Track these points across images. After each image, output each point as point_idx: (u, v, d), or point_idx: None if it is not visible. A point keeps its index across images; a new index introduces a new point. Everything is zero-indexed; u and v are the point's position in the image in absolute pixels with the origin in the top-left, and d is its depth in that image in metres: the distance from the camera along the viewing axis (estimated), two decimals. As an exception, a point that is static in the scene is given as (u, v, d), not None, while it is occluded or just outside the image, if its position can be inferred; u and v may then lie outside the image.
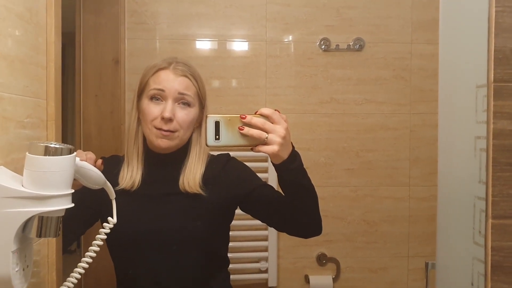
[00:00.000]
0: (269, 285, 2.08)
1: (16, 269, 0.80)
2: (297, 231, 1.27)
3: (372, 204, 2.14)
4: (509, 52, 0.70)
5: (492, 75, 0.70)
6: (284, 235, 2.07)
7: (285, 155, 1.04)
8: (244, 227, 2.04)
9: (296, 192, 1.13)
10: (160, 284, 1.26)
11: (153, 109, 1.24)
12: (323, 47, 2.12)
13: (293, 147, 1.08)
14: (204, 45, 2.09)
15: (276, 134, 1.00)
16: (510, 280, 0.76)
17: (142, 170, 1.29)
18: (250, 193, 1.28)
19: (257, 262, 2.07)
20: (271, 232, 2.05)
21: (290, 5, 2.09)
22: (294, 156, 1.08)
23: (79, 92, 1.97)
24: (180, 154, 1.29)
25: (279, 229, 1.33)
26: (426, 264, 1.12)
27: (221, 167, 1.32)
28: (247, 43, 2.10)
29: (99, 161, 1.11)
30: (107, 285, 1.93)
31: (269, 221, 1.31)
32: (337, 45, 2.12)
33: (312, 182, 1.17)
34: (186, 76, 1.27)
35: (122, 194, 1.21)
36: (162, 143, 1.24)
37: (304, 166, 1.13)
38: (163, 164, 1.29)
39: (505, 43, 0.72)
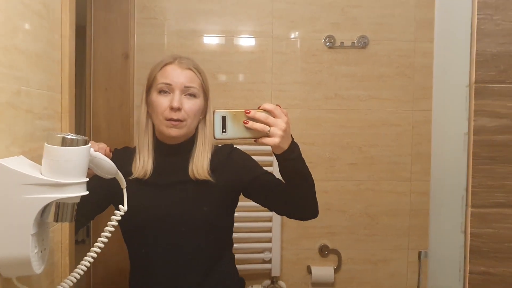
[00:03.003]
0: (272, 274, 2.13)
1: (35, 251, 0.86)
2: (295, 214, 1.37)
3: (374, 198, 2.19)
4: (489, 55, 0.78)
5: (474, 76, 0.77)
6: (287, 227, 2.15)
7: (285, 146, 1.14)
8: (249, 219, 2.09)
9: (295, 179, 1.23)
10: (170, 263, 1.36)
11: (162, 101, 1.33)
12: (328, 44, 2.16)
13: (292, 138, 1.17)
14: (211, 40, 2.14)
15: (277, 127, 1.10)
16: (488, 263, 0.84)
17: (153, 160, 1.37)
18: (253, 179, 1.38)
19: (261, 252, 2.13)
20: (275, 224, 2.11)
21: (296, 3, 2.13)
22: (294, 147, 1.17)
23: (89, 86, 2.03)
24: (188, 144, 1.38)
25: (279, 212, 1.42)
26: (419, 253, 1.18)
27: (226, 156, 1.42)
28: (253, 39, 2.15)
29: (107, 149, 1.21)
30: (115, 275, 1.99)
31: (270, 206, 1.41)
32: (342, 43, 2.16)
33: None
34: (190, 69, 1.36)
35: (135, 183, 1.33)
36: (172, 132, 1.32)
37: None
38: (172, 154, 1.38)
39: (486, 48, 0.80)
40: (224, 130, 1.12)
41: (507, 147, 0.79)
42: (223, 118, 1.12)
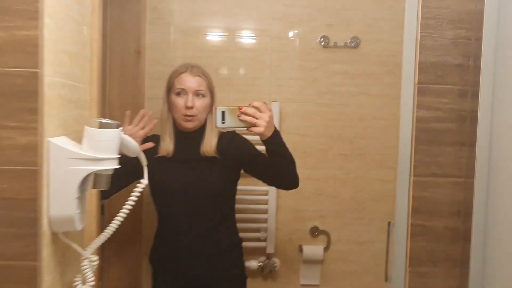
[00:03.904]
0: (267, 252, 2.32)
1: (77, 212, 1.08)
2: (279, 184, 1.87)
3: (362, 185, 2.37)
4: (429, 63, 1.07)
5: (417, 79, 1.03)
6: (282, 210, 2.35)
7: (269, 134, 1.57)
8: (248, 201, 2.29)
9: (277, 158, 1.67)
10: (188, 219, 1.79)
11: (179, 102, 1.77)
12: (322, 43, 2.34)
13: (275, 128, 1.59)
14: (215, 39, 2.31)
15: (262, 120, 1.53)
16: (424, 218, 1.15)
17: (173, 143, 1.81)
18: (251, 158, 1.81)
19: (258, 232, 2.31)
20: (271, 207, 2.30)
21: (294, 5, 2.30)
22: (276, 135, 1.60)
23: (105, 79, 2.21)
24: (199, 131, 1.81)
25: (268, 183, 1.90)
26: (389, 223, 1.39)
27: (230, 139, 1.84)
28: (254, 38, 2.33)
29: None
30: (128, 247, 2.20)
31: (262, 178, 1.84)
32: (336, 43, 2.34)
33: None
34: (199, 76, 1.80)
35: (161, 160, 1.78)
36: (187, 124, 1.78)
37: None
38: (188, 138, 1.81)
39: (426, 58, 1.09)
40: (223, 121, 1.52)
41: (440, 133, 1.11)
42: (223, 112, 1.52)
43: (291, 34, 2.33)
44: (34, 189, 0.96)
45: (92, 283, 1.17)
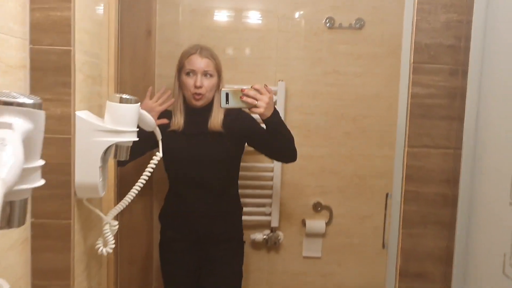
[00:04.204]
0: (272, 225, 2.42)
1: (100, 179, 1.17)
2: (278, 157, 2.09)
3: (363, 162, 2.43)
4: (424, 45, 1.17)
5: (412, 59, 1.13)
6: (286, 186, 2.44)
7: (268, 113, 1.72)
8: (254, 177, 2.38)
9: (276, 135, 1.83)
10: (196, 186, 1.97)
11: (189, 81, 1.92)
12: (328, 25, 2.39)
13: (275, 108, 1.75)
14: (222, 19, 2.36)
15: (262, 101, 1.68)
16: (417, 185, 1.28)
17: (184, 118, 1.96)
18: (254, 133, 1.97)
19: (263, 207, 2.40)
20: (275, 183, 2.39)
21: (300, -13, 2.37)
22: (275, 114, 1.76)
23: (117, 58, 2.30)
24: (207, 107, 1.96)
25: (269, 156, 2.10)
26: (387, 194, 1.49)
27: (236, 115, 1.98)
28: (261, 18, 2.38)
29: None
30: (139, 231, 2.31)
31: (264, 152, 2.02)
32: (340, 24, 2.39)
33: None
34: (207, 58, 1.93)
35: (173, 133, 1.94)
36: (196, 102, 1.93)
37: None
38: (197, 114, 1.96)
39: (421, 39, 1.20)
40: (227, 102, 1.67)
41: (432, 108, 1.26)
42: (227, 94, 1.67)
43: (297, 15, 2.39)
44: (67, 155, 1.07)
45: (113, 246, 1.27)
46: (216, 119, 1.93)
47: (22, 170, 0.57)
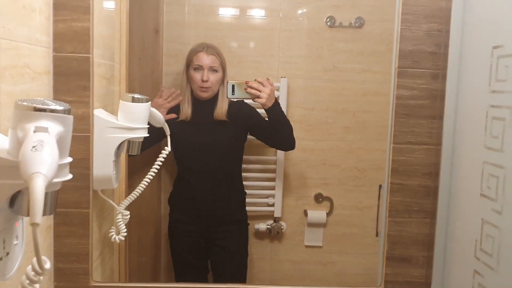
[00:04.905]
0: (275, 216, 2.49)
1: (114, 172, 1.28)
2: (278, 146, 2.30)
3: (363, 155, 2.50)
4: (407, 51, 1.29)
5: (397, 63, 1.24)
6: (288, 178, 2.53)
7: (269, 104, 1.99)
8: (258, 170, 2.46)
9: (276, 124, 2.08)
10: (203, 172, 2.15)
11: (196, 76, 2.10)
12: (329, 23, 2.45)
13: (276, 99, 2.01)
14: (227, 18, 2.45)
15: (264, 93, 1.95)
16: (402, 178, 1.47)
17: (191, 109, 2.13)
18: (256, 123, 2.16)
19: (266, 198, 2.48)
20: (278, 175, 2.46)
21: (302, -13, 2.46)
22: (276, 105, 2.02)
23: (126, 56, 2.39)
24: (213, 99, 2.13)
25: (269, 145, 2.30)
26: (380, 186, 1.60)
27: (239, 106, 2.16)
28: (264, 18, 2.45)
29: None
30: (148, 211, 2.42)
31: (264, 140, 2.23)
32: (341, 23, 2.44)
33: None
34: (213, 55, 2.11)
35: (181, 123, 2.11)
36: (203, 94, 2.12)
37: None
38: (203, 105, 2.14)
39: (405, 47, 1.33)
40: (233, 93, 1.90)
41: (415, 108, 1.41)
42: (232, 86, 1.90)
43: (299, 14, 2.46)
44: (87, 151, 1.19)
45: (125, 234, 1.39)
46: (221, 109, 2.11)
47: (58, 166, 0.68)
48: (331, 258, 2.60)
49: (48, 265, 0.76)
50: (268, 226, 2.53)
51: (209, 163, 2.16)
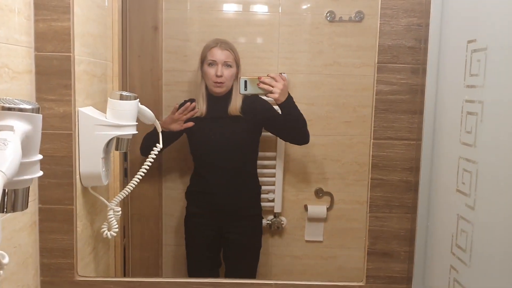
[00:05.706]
0: (275, 211, 2.51)
1: (103, 169, 1.30)
2: (292, 140, 2.30)
3: (363, 149, 2.46)
4: (387, 46, 1.31)
5: (377, 59, 1.24)
6: (289, 173, 2.54)
7: (283, 99, 2.00)
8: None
9: (290, 119, 2.10)
10: (217, 164, 2.20)
11: (211, 71, 2.13)
12: (328, 18, 2.44)
13: (289, 94, 2.01)
14: (227, 15, 2.46)
15: (277, 88, 1.95)
16: (382, 173, 1.48)
17: (206, 105, 2.17)
18: (270, 117, 2.20)
19: (267, 193, 2.49)
20: (278, 170, 2.47)
21: (302, -18, 2.45)
22: (289, 99, 2.02)
23: (126, 53, 2.41)
24: (227, 94, 2.17)
25: (284, 139, 2.33)
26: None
27: (253, 101, 2.18)
28: (264, 14, 2.46)
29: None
30: (149, 208, 2.45)
31: (278, 134, 2.29)
32: (341, 17, 2.44)
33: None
34: (227, 50, 2.15)
35: (197, 119, 2.15)
36: (217, 90, 2.15)
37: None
38: (218, 100, 2.18)
39: (384, 42, 1.36)
40: (245, 89, 1.92)
41: (395, 103, 1.42)
42: (245, 82, 1.92)
43: (299, 9, 2.46)
44: (69, 148, 1.21)
45: (116, 230, 1.41)
46: (235, 105, 2.14)
47: (20, 164, 0.70)
48: (332, 252, 2.61)
49: (6, 259, 0.78)
50: (268, 221, 2.54)
51: (224, 158, 2.20)
